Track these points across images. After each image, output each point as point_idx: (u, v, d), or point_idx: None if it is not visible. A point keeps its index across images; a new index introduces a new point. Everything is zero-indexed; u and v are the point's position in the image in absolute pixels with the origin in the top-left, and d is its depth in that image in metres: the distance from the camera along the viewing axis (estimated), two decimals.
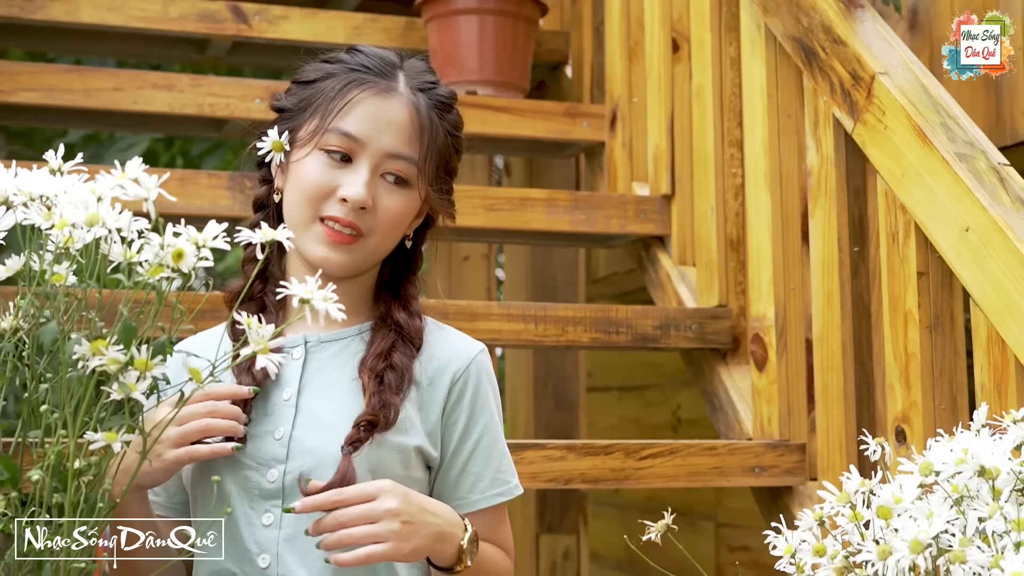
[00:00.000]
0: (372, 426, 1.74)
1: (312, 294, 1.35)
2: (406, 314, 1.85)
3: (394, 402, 1.76)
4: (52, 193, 1.37)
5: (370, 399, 1.75)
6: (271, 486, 1.75)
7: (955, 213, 2.13)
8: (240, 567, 1.75)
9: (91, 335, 1.38)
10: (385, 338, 1.82)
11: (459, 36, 3.55)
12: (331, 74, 1.85)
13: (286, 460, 1.75)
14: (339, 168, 1.79)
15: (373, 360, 1.79)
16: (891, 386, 2.28)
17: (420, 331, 1.85)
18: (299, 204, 1.80)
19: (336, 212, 1.78)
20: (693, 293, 3.02)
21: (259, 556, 1.74)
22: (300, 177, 1.80)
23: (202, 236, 1.34)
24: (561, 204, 3.13)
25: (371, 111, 1.81)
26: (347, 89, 1.81)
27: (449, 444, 1.84)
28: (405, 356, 1.82)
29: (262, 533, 1.75)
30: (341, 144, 1.79)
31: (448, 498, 1.83)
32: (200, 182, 2.81)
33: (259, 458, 1.76)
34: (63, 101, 3.10)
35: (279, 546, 1.74)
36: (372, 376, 1.78)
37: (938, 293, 2.23)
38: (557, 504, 4.13)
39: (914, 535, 1.38)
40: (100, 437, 1.36)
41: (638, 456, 2.50)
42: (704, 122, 2.98)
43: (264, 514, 1.75)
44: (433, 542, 1.70)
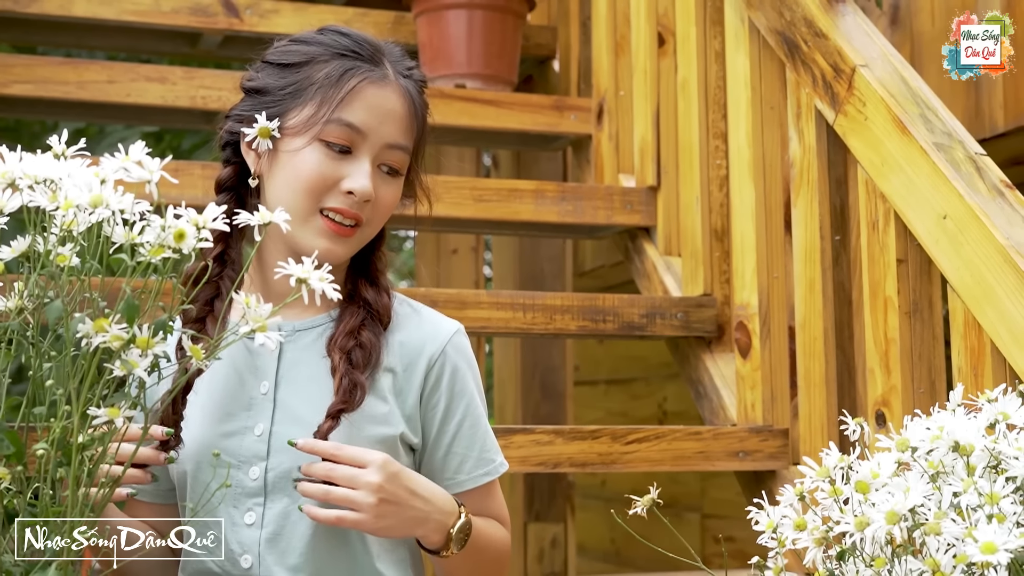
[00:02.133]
0: (343, 412, 1.72)
1: (309, 274, 1.39)
2: (374, 291, 1.83)
3: (361, 381, 1.74)
4: (57, 176, 1.41)
5: (340, 380, 1.73)
6: (253, 484, 1.74)
7: (933, 201, 2.18)
8: (222, 566, 1.74)
9: (94, 314, 1.42)
10: (354, 315, 1.80)
11: (448, 30, 3.59)
12: (317, 57, 1.81)
13: (267, 457, 1.74)
14: (339, 159, 1.76)
15: (343, 339, 1.77)
16: (871, 371, 2.33)
17: (388, 308, 1.83)
18: (296, 196, 1.76)
19: (339, 204, 1.76)
20: (679, 283, 3.06)
21: (241, 556, 1.73)
22: (298, 168, 1.76)
23: (202, 218, 1.38)
24: (549, 195, 3.18)
25: (371, 101, 1.78)
26: (345, 77, 1.78)
27: (431, 428, 1.82)
28: (373, 334, 1.79)
29: (244, 533, 1.74)
30: (343, 136, 1.76)
31: (435, 480, 1.81)
32: (194, 173, 2.85)
33: (240, 455, 1.75)
34: (56, 93, 3.13)
35: (260, 546, 1.73)
36: (342, 355, 1.75)
37: (917, 280, 2.28)
38: (545, 493, 4.18)
39: (891, 507, 1.43)
40: (103, 412, 1.40)
41: (625, 440, 2.54)
42: (689, 114, 3.03)
43: (246, 513, 1.74)
44: (413, 526, 1.70)
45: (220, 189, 1.87)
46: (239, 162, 1.86)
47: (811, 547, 1.50)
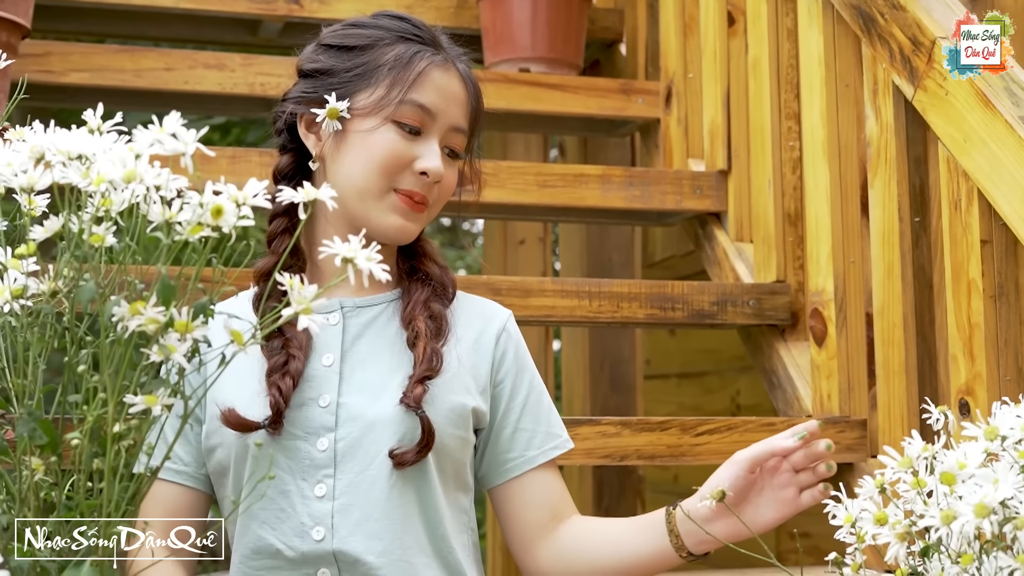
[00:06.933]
0: (427, 379, 1.75)
1: (356, 253, 1.31)
2: (437, 267, 1.87)
3: (439, 350, 1.77)
4: (90, 152, 1.34)
5: (424, 349, 1.76)
6: (322, 455, 1.73)
7: (1020, 178, 2.07)
8: (287, 541, 1.72)
9: (130, 297, 1.35)
10: (421, 289, 1.84)
11: (512, 14, 3.51)
12: (380, 40, 1.83)
13: (335, 427, 1.74)
14: (411, 140, 1.79)
15: (418, 309, 1.81)
16: (954, 358, 2.22)
17: (453, 282, 1.88)
18: (370, 175, 1.78)
19: (412, 185, 1.79)
20: (750, 269, 2.96)
21: (313, 529, 1.71)
22: (371, 148, 1.77)
23: (242, 194, 1.31)
24: (616, 180, 3.09)
25: (440, 83, 1.81)
26: (415, 59, 1.80)
27: (499, 404, 1.84)
28: (441, 305, 1.83)
29: (316, 505, 1.72)
30: (416, 117, 1.79)
31: (503, 459, 1.85)
32: (251, 160, 2.80)
33: (307, 427, 1.74)
34: (114, 81, 3.08)
35: (334, 518, 1.72)
36: (419, 325, 1.79)
37: (1002, 261, 2.17)
38: (615, 488, 4.08)
39: (979, 499, 1.33)
40: (140, 400, 1.33)
41: (694, 432, 2.45)
42: (760, 95, 2.92)
43: (316, 485, 1.73)
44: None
45: (279, 179, 1.87)
46: (296, 148, 1.88)
47: (893, 542, 1.41)
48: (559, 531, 1.85)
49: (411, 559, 1.73)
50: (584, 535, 1.85)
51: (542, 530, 1.85)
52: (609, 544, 1.81)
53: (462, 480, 1.83)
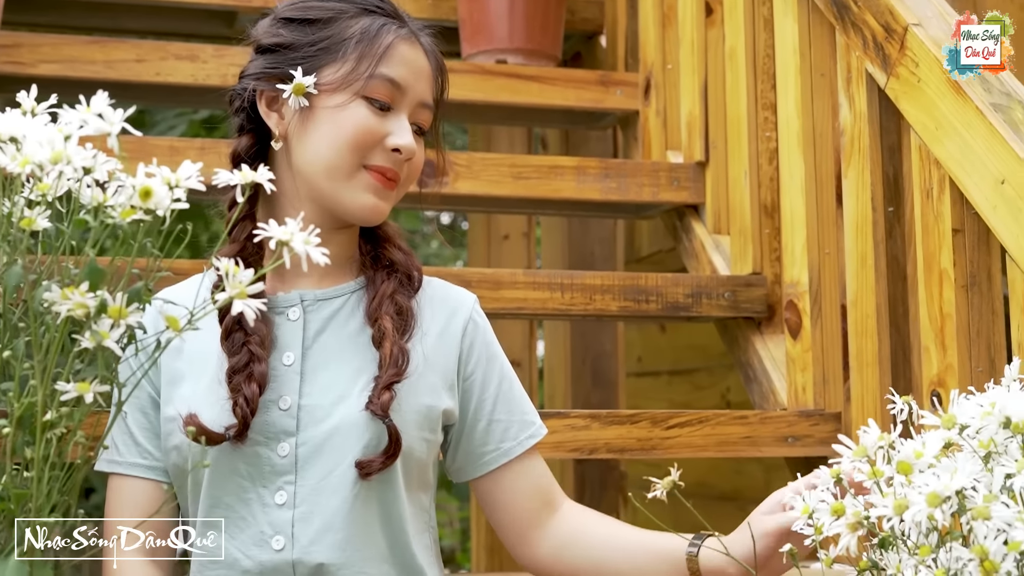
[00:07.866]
0: (395, 383, 1.66)
1: (292, 236, 1.27)
2: (401, 253, 1.78)
3: (406, 349, 1.69)
4: (21, 134, 1.31)
5: (391, 351, 1.67)
6: (283, 461, 1.64)
7: (990, 165, 2.03)
8: (246, 551, 1.64)
9: (63, 282, 1.32)
10: (386, 281, 1.75)
11: (489, 4, 3.48)
12: (344, 13, 1.74)
13: (296, 432, 1.65)
14: (382, 116, 1.70)
15: (385, 304, 1.71)
16: (926, 349, 2.19)
17: (419, 270, 1.79)
18: (340, 152, 1.69)
19: (384, 162, 1.71)
20: (728, 262, 2.93)
21: (272, 538, 1.63)
22: (341, 125, 1.68)
23: (175, 176, 1.27)
24: (591, 172, 3.05)
25: (408, 57, 1.74)
26: (382, 33, 1.72)
27: (471, 398, 1.77)
28: (407, 298, 1.74)
29: (276, 513, 1.64)
30: (385, 92, 1.71)
31: (480, 452, 1.78)
32: (220, 151, 2.75)
33: (267, 432, 1.65)
34: (85, 73, 3.04)
35: (294, 527, 1.64)
36: (386, 322, 1.70)
37: (974, 250, 2.13)
38: (596, 484, 4.05)
39: (932, 488, 1.30)
40: (71, 387, 1.30)
41: (665, 425, 2.41)
42: (737, 86, 2.89)
43: (277, 492, 1.64)
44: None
45: (238, 162, 1.72)
46: (255, 128, 1.77)
47: (844, 532, 1.37)
48: (557, 522, 1.79)
49: (370, 570, 1.66)
50: (588, 536, 1.78)
51: (536, 519, 1.79)
52: (617, 561, 1.74)
53: (424, 479, 1.75)
